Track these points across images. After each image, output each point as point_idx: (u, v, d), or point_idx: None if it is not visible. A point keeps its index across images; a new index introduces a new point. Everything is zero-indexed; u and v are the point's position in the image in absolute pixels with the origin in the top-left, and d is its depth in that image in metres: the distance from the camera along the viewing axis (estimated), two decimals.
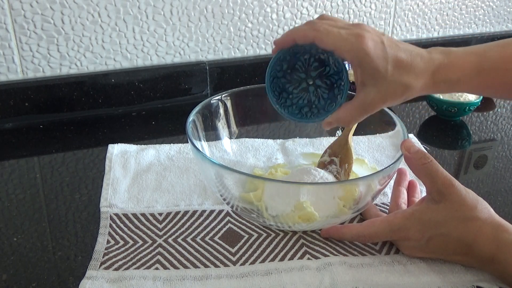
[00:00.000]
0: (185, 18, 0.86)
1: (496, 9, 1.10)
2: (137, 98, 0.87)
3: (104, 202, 0.60)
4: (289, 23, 0.94)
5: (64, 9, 0.78)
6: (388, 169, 0.52)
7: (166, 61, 0.88)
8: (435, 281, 0.49)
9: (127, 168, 0.67)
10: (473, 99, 0.83)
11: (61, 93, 0.82)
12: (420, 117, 0.87)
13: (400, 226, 0.51)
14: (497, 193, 0.65)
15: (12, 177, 0.67)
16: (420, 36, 1.06)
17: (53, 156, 0.72)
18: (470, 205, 0.49)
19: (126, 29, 0.83)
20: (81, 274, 0.50)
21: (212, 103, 0.64)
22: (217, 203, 0.60)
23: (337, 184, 0.58)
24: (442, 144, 0.79)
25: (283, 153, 0.70)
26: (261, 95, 0.70)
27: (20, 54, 0.79)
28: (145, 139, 0.77)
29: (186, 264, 0.51)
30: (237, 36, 0.91)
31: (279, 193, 0.54)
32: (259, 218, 0.55)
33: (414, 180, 0.61)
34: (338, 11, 0.96)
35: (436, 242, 0.49)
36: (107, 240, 0.54)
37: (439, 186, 0.49)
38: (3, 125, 0.80)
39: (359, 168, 0.64)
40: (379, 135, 0.66)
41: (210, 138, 0.64)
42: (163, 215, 0.59)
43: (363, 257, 0.52)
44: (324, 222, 0.54)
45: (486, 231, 0.47)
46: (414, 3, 1.02)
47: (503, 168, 0.71)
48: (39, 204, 0.61)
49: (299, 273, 0.50)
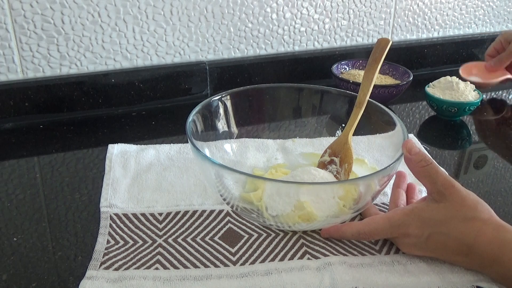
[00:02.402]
0: (185, 18, 0.86)
1: (496, 9, 1.10)
2: (137, 98, 0.87)
3: (104, 202, 0.60)
4: (289, 23, 0.94)
5: (64, 9, 0.78)
6: (388, 169, 0.52)
7: (166, 61, 0.88)
8: (435, 281, 0.49)
9: (127, 168, 0.67)
10: (473, 99, 0.83)
11: (61, 93, 0.82)
12: (420, 117, 0.87)
13: (400, 222, 0.51)
14: (497, 193, 0.65)
15: (12, 177, 0.67)
16: (420, 36, 1.06)
17: (53, 156, 0.72)
18: (471, 206, 0.49)
19: (126, 29, 0.83)
20: (81, 274, 0.50)
21: (212, 103, 0.64)
22: (217, 203, 0.60)
23: (337, 184, 0.58)
24: (442, 144, 0.79)
25: (283, 153, 0.70)
26: (261, 95, 0.70)
27: (20, 54, 0.79)
28: (145, 139, 0.77)
29: (186, 264, 0.51)
30: (237, 36, 0.91)
31: (279, 193, 0.54)
32: (259, 218, 0.55)
33: (412, 183, 0.61)
34: (338, 11, 0.96)
35: (436, 240, 0.49)
36: (107, 240, 0.54)
37: (439, 187, 0.49)
38: (3, 125, 0.80)
39: (359, 168, 0.64)
40: (379, 135, 0.66)
41: (210, 138, 0.64)
42: (163, 215, 0.59)
43: (363, 257, 0.52)
44: (324, 222, 0.54)
45: (487, 232, 0.47)
46: (414, 3, 1.02)
47: (503, 168, 0.71)
48: (39, 204, 0.61)
49: (299, 273, 0.50)
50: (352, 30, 1.00)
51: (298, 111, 0.71)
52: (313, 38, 0.97)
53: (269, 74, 0.94)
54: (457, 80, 0.85)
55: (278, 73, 0.95)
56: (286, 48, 0.96)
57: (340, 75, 0.91)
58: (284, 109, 0.71)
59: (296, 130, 0.72)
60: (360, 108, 0.62)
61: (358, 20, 0.99)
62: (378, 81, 0.89)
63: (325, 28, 0.97)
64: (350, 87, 0.85)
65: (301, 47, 0.97)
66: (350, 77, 0.90)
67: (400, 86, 0.85)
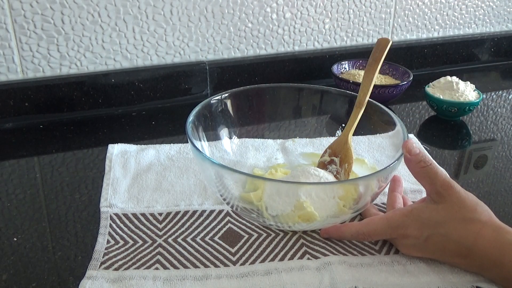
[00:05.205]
0: (185, 18, 0.86)
1: (496, 9, 1.10)
2: (137, 98, 0.87)
3: (104, 202, 0.60)
4: (289, 23, 0.94)
5: (64, 9, 0.78)
6: (388, 169, 0.52)
7: (166, 61, 0.88)
8: (435, 281, 0.49)
9: (127, 168, 0.67)
10: (473, 99, 0.83)
11: (61, 93, 0.82)
12: (420, 117, 0.87)
13: (399, 223, 0.51)
14: (497, 193, 0.65)
15: (12, 177, 0.67)
16: (420, 36, 1.06)
17: (53, 156, 0.72)
18: (470, 207, 0.48)
19: (126, 29, 0.83)
20: (81, 274, 0.50)
21: (212, 103, 0.64)
22: (217, 203, 0.60)
23: (337, 184, 0.58)
24: (442, 144, 0.79)
25: (283, 153, 0.70)
26: (261, 95, 0.70)
27: (20, 54, 0.79)
28: (145, 139, 0.77)
29: (186, 264, 0.51)
30: (237, 36, 0.91)
31: (279, 193, 0.54)
32: (259, 218, 0.55)
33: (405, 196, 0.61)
34: (338, 11, 0.96)
35: (435, 241, 0.49)
36: (107, 240, 0.54)
37: (438, 188, 0.49)
38: (3, 125, 0.80)
39: (359, 168, 0.64)
40: (379, 135, 0.66)
41: (210, 138, 0.64)
42: (163, 215, 0.59)
43: (362, 257, 0.52)
44: (324, 222, 0.54)
45: (486, 234, 0.47)
46: (414, 3, 1.02)
47: (503, 168, 0.71)
48: (39, 204, 0.61)
49: (299, 273, 0.50)
50: (352, 30, 1.00)
51: (298, 111, 0.71)
52: (313, 38, 0.97)
53: (269, 74, 0.94)
54: (457, 80, 0.85)
55: (278, 73, 0.95)
56: (286, 48, 0.96)
57: (340, 75, 0.91)
58: (284, 109, 0.71)
59: (296, 130, 0.72)
60: (360, 108, 0.62)
61: (358, 20, 0.99)
62: (378, 81, 0.89)
63: (325, 28, 0.97)
64: (350, 87, 0.85)
65: (301, 47, 0.97)
66: (350, 77, 0.90)
67: (400, 86, 0.85)
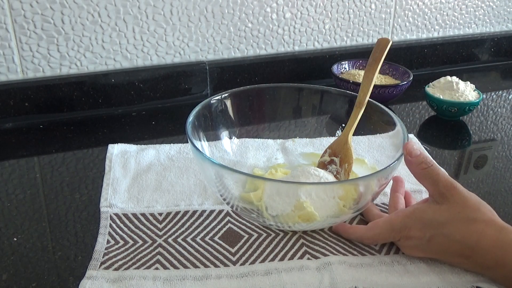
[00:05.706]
0: (185, 18, 0.86)
1: (496, 9, 1.10)
2: (137, 98, 0.87)
3: (104, 202, 0.60)
4: (289, 23, 0.94)
5: (64, 9, 0.78)
6: (388, 169, 0.52)
7: (166, 61, 0.88)
8: (435, 281, 0.49)
9: (127, 168, 0.67)
10: (473, 99, 0.83)
11: (61, 93, 0.82)
12: (420, 117, 0.87)
13: (402, 225, 0.51)
14: (497, 193, 0.65)
15: (12, 177, 0.67)
16: (420, 36, 1.06)
17: (53, 156, 0.72)
18: (473, 207, 0.48)
19: (126, 29, 0.83)
20: (81, 274, 0.50)
21: (212, 103, 0.64)
22: (217, 203, 0.60)
23: (337, 184, 0.58)
24: (442, 144, 0.79)
25: (283, 153, 0.70)
26: (261, 95, 0.70)
27: (20, 54, 0.79)
28: (145, 139, 0.77)
29: (186, 264, 0.51)
30: (237, 36, 0.91)
31: (279, 193, 0.54)
32: (259, 218, 0.55)
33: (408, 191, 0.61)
34: (338, 11, 0.96)
35: (438, 242, 0.49)
36: (107, 240, 0.54)
37: (441, 189, 0.49)
38: (3, 125, 0.80)
39: (359, 168, 0.64)
40: (379, 135, 0.66)
41: (210, 138, 0.64)
42: (163, 215, 0.59)
43: (362, 257, 0.52)
44: (324, 222, 0.54)
45: (489, 234, 0.47)
46: (414, 3, 1.02)
47: (503, 168, 0.71)
48: (39, 204, 0.61)
49: (299, 273, 0.50)
50: (352, 30, 1.00)
51: (298, 111, 0.71)
52: (313, 38, 0.97)
53: (269, 74, 0.94)
54: (457, 80, 0.85)
55: (278, 73, 0.95)
56: (286, 48, 0.96)
57: (340, 75, 0.91)
58: (284, 109, 0.71)
59: (296, 130, 0.72)
60: (360, 108, 0.62)
61: (358, 20, 0.99)
62: (378, 81, 0.89)
63: (325, 28, 0.97)
64: (350, 87, 0.85)
65: (301, 47, 0.97)
66: (350, 77, 0.90)
67: (400, 86, 0.85)
